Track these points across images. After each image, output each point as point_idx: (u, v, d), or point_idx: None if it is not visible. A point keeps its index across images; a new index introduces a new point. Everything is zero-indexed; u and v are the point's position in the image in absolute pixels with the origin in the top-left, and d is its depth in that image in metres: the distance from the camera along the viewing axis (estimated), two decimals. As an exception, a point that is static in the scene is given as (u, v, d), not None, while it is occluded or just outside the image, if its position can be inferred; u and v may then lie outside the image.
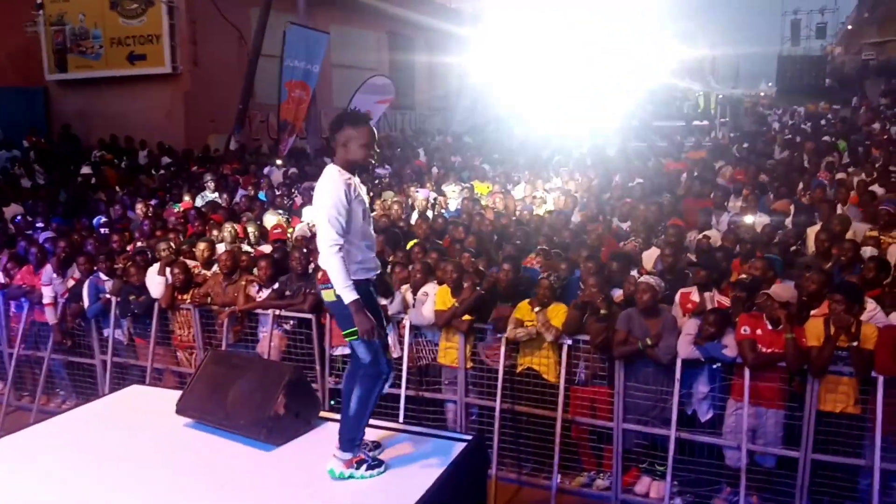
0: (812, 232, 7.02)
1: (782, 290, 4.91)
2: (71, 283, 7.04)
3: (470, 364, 5.70)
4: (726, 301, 5.48)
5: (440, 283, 5.88)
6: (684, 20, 24.17)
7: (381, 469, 3.49)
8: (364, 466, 3.45)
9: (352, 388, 3.47)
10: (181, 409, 4.04)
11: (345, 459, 3.42)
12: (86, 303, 6.75)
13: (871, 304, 4.99)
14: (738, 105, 22.32)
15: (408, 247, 7.19)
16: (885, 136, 15.22)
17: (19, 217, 9.56)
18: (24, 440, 4.03)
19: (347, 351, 5.93)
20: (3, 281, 7.31)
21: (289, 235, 7.80)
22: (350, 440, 3.44)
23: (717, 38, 26.58)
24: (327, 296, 3.36)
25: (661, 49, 21.82)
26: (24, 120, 15.81)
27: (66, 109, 17.17)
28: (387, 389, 3.57)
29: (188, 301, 6.41)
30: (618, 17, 20.87)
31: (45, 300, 6.93)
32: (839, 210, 7.82)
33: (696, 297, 5.57)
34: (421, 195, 9.29)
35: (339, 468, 3.42)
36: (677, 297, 5.63)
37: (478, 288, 5.60)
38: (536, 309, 5.37)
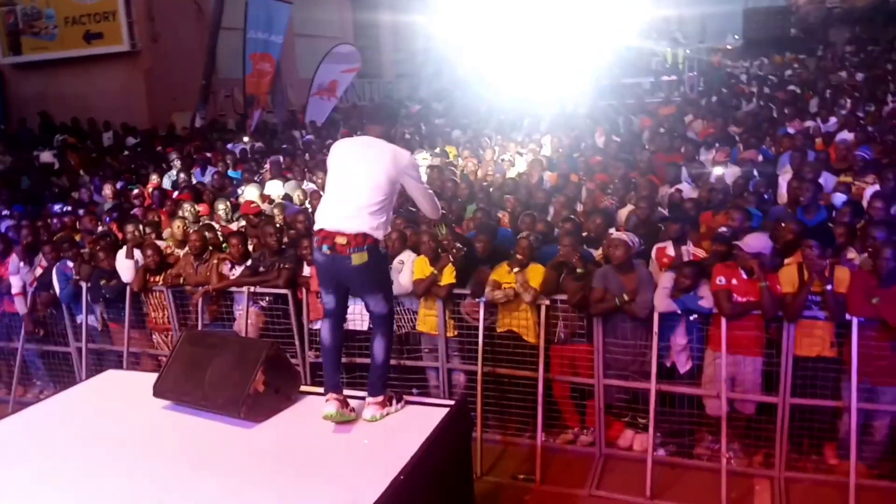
0: (784, 181, 7.08)
1: (755, 239, 4.93)
2: (39, 271, 6.89)
3: (452, 332, 5.69)
4: (702, 253, 5.51)
5: (415, 252, 5.83)
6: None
7: (403, 402, 3.92)
8: (394, 401, 3.86)
9: (374, 341, 3.90)
10: (158, 392, 3.98)
11: (378, 402, 3.76)
12: (56, 290, 6.61)
13: (851, 253, 5.05)
14: (704, 59, 22.32)
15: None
16: (852, 84, 15.33)
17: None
18: (3, 430, 3.95)
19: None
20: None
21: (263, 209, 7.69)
22: (383, 384, 3.82)
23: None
24: (359, 258, 3.62)
25: (628, 8, 21.66)
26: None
27: (22, 93, 16.71)
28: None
29: (160, 283, 6.31)
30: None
31: (14, 290, 6.78)
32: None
33: (671, 251, 5.58)
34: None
35: (378, 411, 3.75)
36: (653, 253, 5.65)
37: (454, 251, 5.57)
38: (515, 270, 5.35)
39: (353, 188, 3.69)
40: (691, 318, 5.07)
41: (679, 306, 5.00)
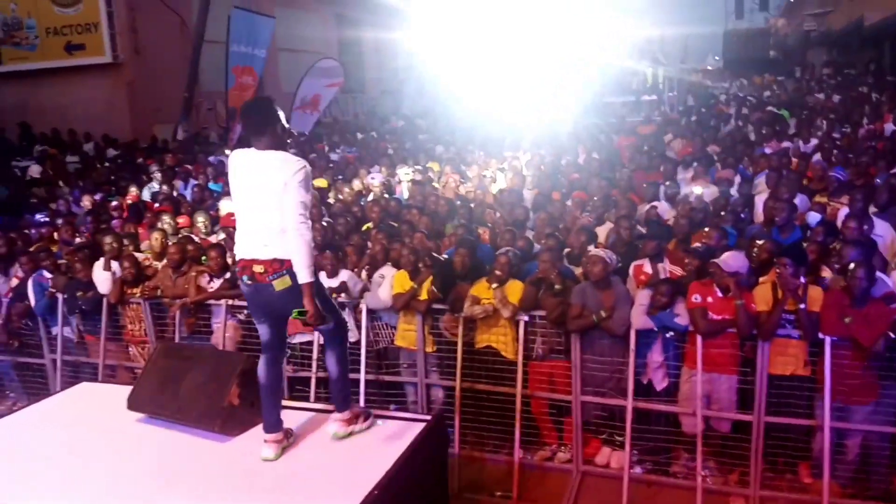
0: (760, 200, 7.17)
1: (731, 258, 5.00)
2: (14, 282, 6.81)
3: (431, 347, 5.69)
4: (678, 271, 5.57)
5: (396, 266, 5.84)
6: (633, 3, 24.35)
7: (373, 419, 3.75)
8: (361, 418, 3.70)
9: (326, 356, 3.69)
10: (132, 405, 3.95)
11: (344, 419, 3.63)
12: (32, 301, 6.53)
13: (826, 272, 5.13)
14: (685, 79, 22.65)
15: (362, 229, 7.15)
16: (829, 105, 15.60)
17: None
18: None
19: (306, 338, 5.94)
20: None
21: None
22: (345, 398, 3.66)
23: (665, 16, 26.83)
24: (282, 283, 3.35)
25: (610, 28, 21.96)
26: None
27: (3, 104, 16.53)
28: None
29: (138, 295, 6.26)
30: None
31: (-12, 300, 6.70)
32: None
33: (648, 268, 5.64)
34: (376, 180, 9.21)
35: (341, 428, 3.62)
36: (631, 270, 5.70)
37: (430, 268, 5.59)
38: (494, 286, 5.37)
39: (256, 211, 3.39)
40: (668, 335, 5.11)
41: (656, 323, 5.04)
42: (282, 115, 3.44)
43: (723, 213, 6.72)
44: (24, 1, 15.71)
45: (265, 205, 3.34)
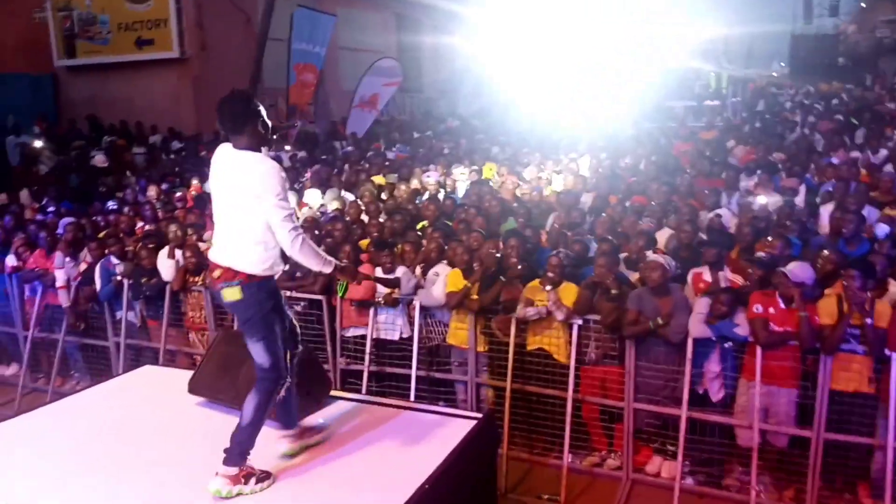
0: (825, 211, 6.97)
1: (797, 268, 4.87)
2: (83, 266, 7.08)
3: (482, 347, 5.69)
4: (739, 280, 5.45)
5: (450, 265, 5.87)
6: (697, 2, 23.80)
7: (270, 480, 3.26)
8: (253, 480, 3.20)
9: (247, 397, 3.26)
10: (193, 389, 4.07)
11: (231, 475, 3.14)
12: (98, 286, 6.78)
13: (894, 286, 4.95)
14: (750, 84, 22.11)
15: (417, 228, 7.20)
16: (899, 115, 15.01)
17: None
18: (39, 419, 4.07)
19: (360, 332, 6.02)
20: (16, 264, 7.36)
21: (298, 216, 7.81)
22: (241, 453, 3.19)
23: (730, 17, 26.14)
24: (230, 294, 3.13)
25: (672, 29, 21.55)
26: (34, 106, 15.83)
27: (74, 96, 17.19)
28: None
29: (199, 283, 6.43)
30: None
31: (58, 283, 6.98)
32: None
33: (708, 276, 5.53)
34: (431, 178, 9.26)
35: (225, 486, 3.13)
36: (690, 277, 5.61)
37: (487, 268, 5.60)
38: (547, 288, 5.35)
39: (227, 214, 3.20)
40: (726, 345, 5.01)
41: (714, 333, 4.95)
42: (262, 110, 3.20)
43: (787, 223, 6.55)
44: (98, -3, 16.30)
45: (235, 209, 3.15)
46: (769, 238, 5.83)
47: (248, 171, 3.10)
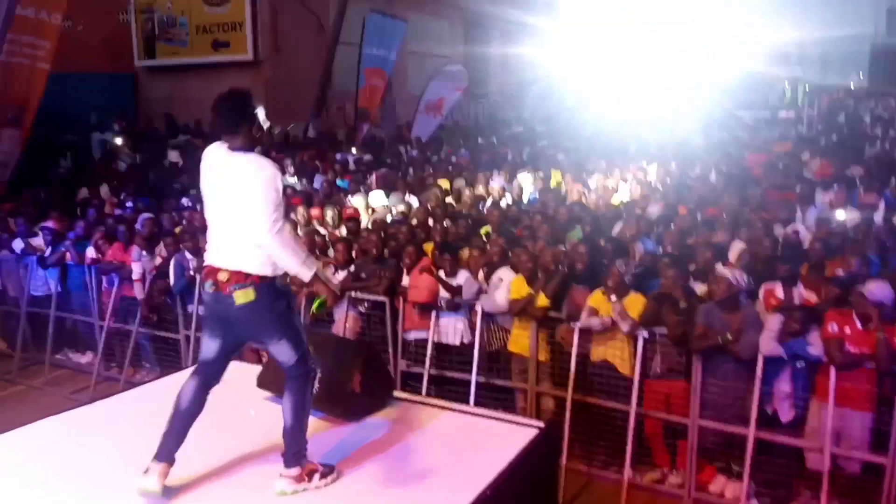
0: (907, 228, 6.68)
1: (876, 287, 4.68)
2: (158, 260, 7.35)
3: (544, 355, 5.66)
4: (813, 298, 5.27)
5: (514, 270, 5.86)
6: (770, 4, 23.07)
7: (335, 475, 3.28)
8: (317, 476, 3.22)
9: (284, 399, 3.26)
10: (261, 383, 4.16)
11: (294, 475, 3.18)
12: (172, 280, 7.02)
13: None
14: (827, 95, 21.32)
15: (481, 233, 7.21)
16: None
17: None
18: (114, 406, 4.23)
19: (422, 335, 6.06)
20: (95, 256, 7.68)
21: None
22: (296, 453, 3.20)
23: (806, 23, 25.24)
24: (244, 296, 3.05)
25: (744, 36, 21.01)
26: (114, 104, 16.51)
27: (152, 95, 17.85)
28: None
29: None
30: (700, 2, 20.22)
31: (134, 276, 7.26)
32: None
33: (780, 292, 5.37)
34: (496, 184, 9.27)
35: (289, 486, 3.17)
36: (761, 293, 5.45)
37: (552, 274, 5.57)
38: (612, 298, 5.28)
39: (226, 217, 3.13)
40: (798, 364, 4.85)
41: (786, 351, 4.80)
42: (259, 112, 3.17)
43: (865, 240, 6.30)
44: (179, 0, 16.87)
45: (234, 212, 3.07)
46: (845, 255, 5.62)
47: (249, 174, 3.03)
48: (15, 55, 10.26)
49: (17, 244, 8.37)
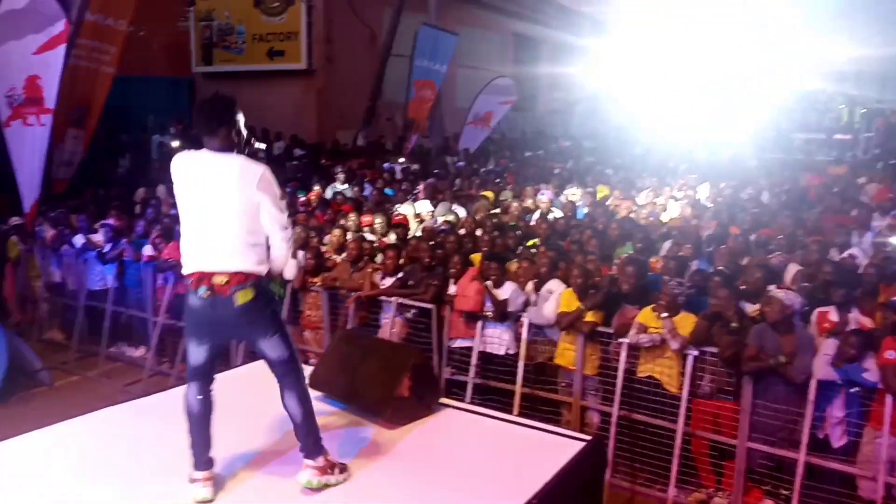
0: (971, 257, 6.48)
1: (938, 314, 4.56)
2: (211, 260, 7.51)
3: (592, 370, 5.64)
4: (868, 322, 5.16)
5: (564, 282, 5.86)
6: (826, 23, 22.59)
7: (348, 472, 3.34)
8: (337, 470, 3.28)
9: (284, 396, 3.29)
10: (312, 384, 4.22)
11: (318, 466, 3.22)
12: (223, 280, 7.17)
13: None
14: (883, 119, 20.75)
15: (528, 245, 7.23)
16: None
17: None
18: (165, 400, 4.34)
19: (467, 343, 6.09)
20: (152, 254, 7.91)
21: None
22: (314, 443, 3.26)
23: (865, 41, 24.57)
24: (245, 296, 3.08)
25: (799, 55, 20.59)
26: (172, 108, 16.99)
27: (208, 101, 18.30)
28: None
29: (318, 284, 6.71)
30: (753, 20, 19.89)
31: (188, 275, 7.43)
32: None
33: (834, 316, 5.27)
34: (544, 197, 9.28)
35: (315, 476, 3.21)
36: (814, 317, 5.35)
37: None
38: (663, 315, 5.24)
39: (214, 219, 3.07)
40: (852, 390, 4.74)
41: (840, 376, 4.70)
42: (241, 117, 3.16)
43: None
44: (237, 9, 17.32)
45: (224, 213, 3.04)
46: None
47: (237, 175, 3.04)
48: (82, 59, 10.63)
49: (78, 240, 8.68)
